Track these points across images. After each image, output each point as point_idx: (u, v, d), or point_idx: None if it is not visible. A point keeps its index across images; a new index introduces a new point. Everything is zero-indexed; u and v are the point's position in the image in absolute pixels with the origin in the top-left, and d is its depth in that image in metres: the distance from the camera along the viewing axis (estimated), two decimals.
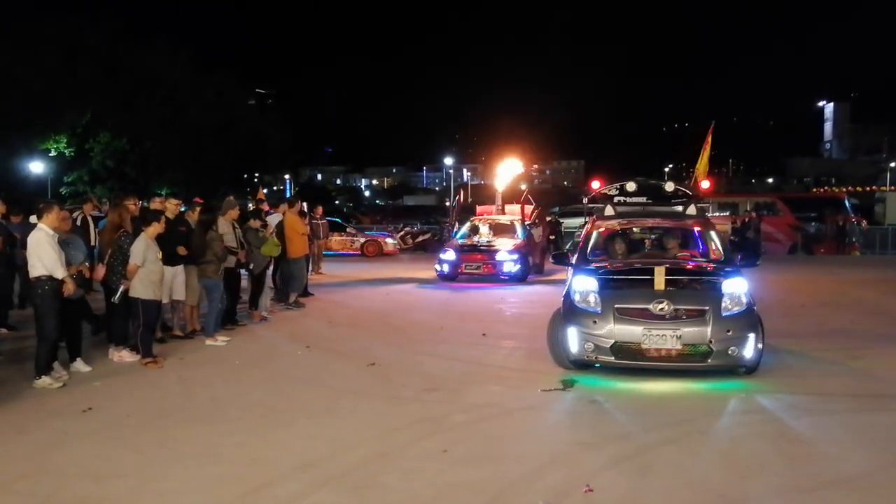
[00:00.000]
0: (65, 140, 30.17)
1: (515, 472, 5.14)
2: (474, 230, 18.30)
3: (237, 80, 38.45)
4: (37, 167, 30.66)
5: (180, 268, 9.60)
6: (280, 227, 12.74)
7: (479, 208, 21.99)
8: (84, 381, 7.74)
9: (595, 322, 7.49)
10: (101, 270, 8.77)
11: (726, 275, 7.93)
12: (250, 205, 21.65)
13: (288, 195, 60.17)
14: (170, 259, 9.27)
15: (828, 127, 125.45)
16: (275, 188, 63.48)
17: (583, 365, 7.75)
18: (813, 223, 30.98)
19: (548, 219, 26.45)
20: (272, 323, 11.41)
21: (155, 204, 10.30)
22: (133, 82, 30.71)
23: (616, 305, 7.53)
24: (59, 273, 7.45)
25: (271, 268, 12.56)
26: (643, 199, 9.38)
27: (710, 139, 12.49)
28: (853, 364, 8.50)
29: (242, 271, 11.12)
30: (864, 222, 32.19)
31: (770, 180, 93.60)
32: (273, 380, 7.85)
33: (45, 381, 7.45)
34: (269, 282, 12.15)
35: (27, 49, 27.66)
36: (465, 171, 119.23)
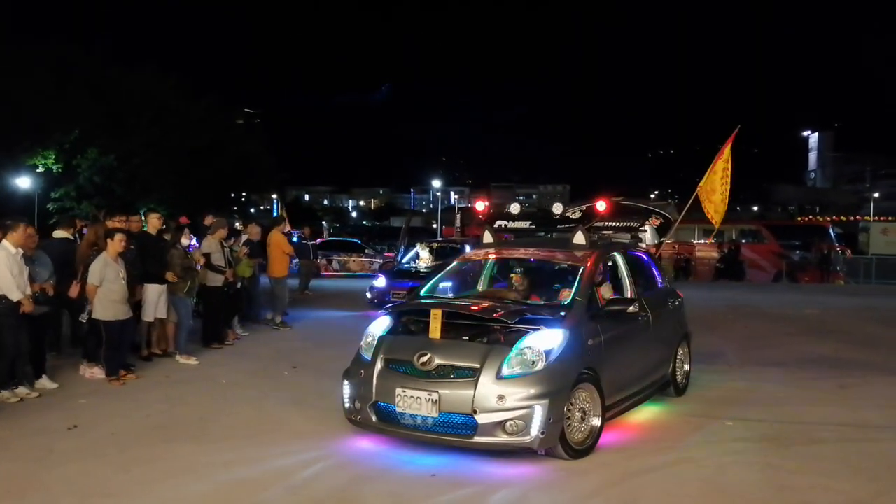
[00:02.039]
0: (52, 156, 30.09)
1: (504, 496, 5.13)
2: (418, 255, 16.93)
3: (225, 102, 38.53)
4: (24, 182, 30.51)
5: (164, 286, 9.54)
6: (253, 246, 12.69)
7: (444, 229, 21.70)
8: (69, 398, 7.68)
9: (363, 373, 6.23)
10: (75, 288, 8.63)
11: (546, 323, 6.12)
12: (237, 224, 21.59)
13: (275, 214, 60.17)
14: (149, 277, 9.24)
15: (812, 156, 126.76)
16: (262, 207, 63.38)
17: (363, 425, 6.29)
18: (797, 251, 31.29)
19: None
20: (258, 342, 11.36)
21: (115, 222, 9.32)
22: (121, 104, 30.80)
23: (383, 355, 6.22)
24: (14, 295, 7.37)
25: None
26: (527, 224, 8.07)
27: (726, 150, 9.56)
28: (839, 393, 8.54)
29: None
30: (849, 251, 32.54)
31: (755, 208, 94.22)
32: (260, 399, 7.81)
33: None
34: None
35: (17, 71, 27.77)
36: (452, 193, 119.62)
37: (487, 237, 7.86)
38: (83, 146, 29.91)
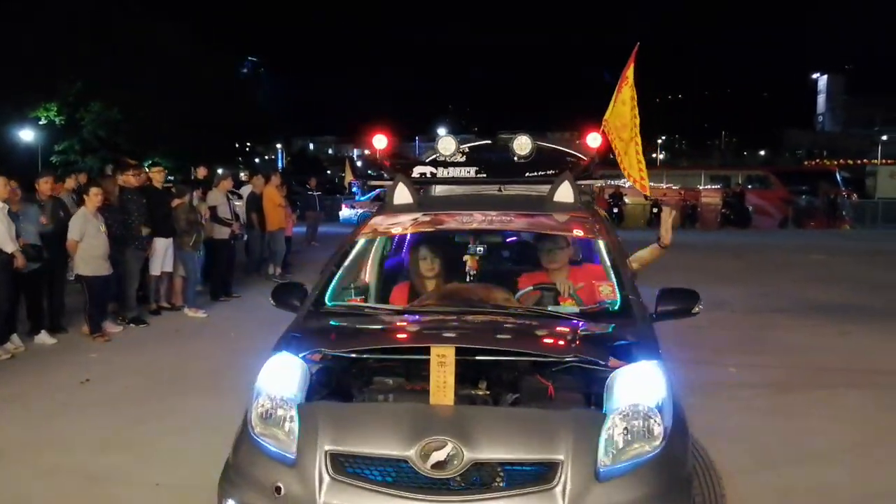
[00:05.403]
0: (55, 108, 29.95)
1: None
2: None
3: (231, 52, 38.20)
4: (27, 135, 30.42)
5: (171, 240, 9.59)
6: (253, 199, 12.72)
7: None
8: (80, 353, 7.81)
9: (282, 490, 2.87)
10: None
11: (621, 353, 3.22)
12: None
13: (280, 165, 59.97)
14: (156, 231, 9.27)
15: (821, 99, 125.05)
16: (266, 158, 63.24)
17: None
18: (804, 196, 31.18)
19: None
20: (264, 295, 11.35)
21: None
22: (128, 54, 30.50)
23: (330, 447, 2.90)
24: (9, 247, 7.40)
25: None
26: (471, 173, 4.61)
27: (628, 72, 5.14)
28: (844, 339, 8.59)
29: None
30: (855, 196, 32.41)
31: (762, 153, 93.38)
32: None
33: None
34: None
35: (24, 21, 27.55)
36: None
37: (401, 194, 4.60)
38: (87, 99, 29.76)
